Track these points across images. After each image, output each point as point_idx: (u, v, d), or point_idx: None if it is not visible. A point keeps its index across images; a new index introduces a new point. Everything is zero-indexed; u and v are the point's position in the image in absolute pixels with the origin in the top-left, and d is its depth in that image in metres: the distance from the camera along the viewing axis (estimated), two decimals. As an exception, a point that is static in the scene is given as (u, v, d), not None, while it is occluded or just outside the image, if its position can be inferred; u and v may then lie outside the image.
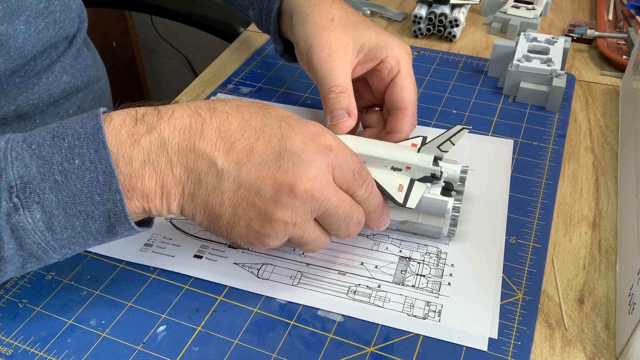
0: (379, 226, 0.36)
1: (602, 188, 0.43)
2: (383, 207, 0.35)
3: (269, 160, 0.30)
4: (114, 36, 1.28)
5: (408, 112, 0.41)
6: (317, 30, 0.41)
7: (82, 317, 0.34)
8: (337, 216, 0.32)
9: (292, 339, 0.33)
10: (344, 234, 0.33)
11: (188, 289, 0.36)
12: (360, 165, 0.33)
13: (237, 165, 0.30)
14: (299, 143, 0.30)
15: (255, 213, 0.30)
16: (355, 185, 0.32)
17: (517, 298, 0.35)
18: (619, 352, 0.32)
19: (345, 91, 0.40)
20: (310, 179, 0.30)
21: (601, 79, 0.56)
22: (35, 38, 0.44)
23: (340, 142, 0.32)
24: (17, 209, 0.27)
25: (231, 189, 0.30)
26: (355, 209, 0.32)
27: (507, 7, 0.62)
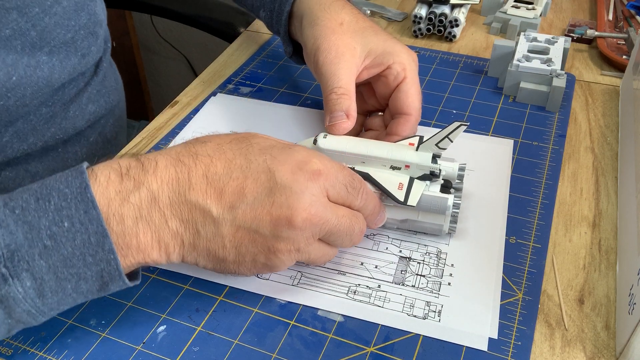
0: (377, 224, 0.37)
1: (602, 188, 0.43)
2: (380, 206, 0.36)
3: (262, 198, 0.30)
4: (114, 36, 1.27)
5: (412, 118, 0.42)
6: (326, 33, 0.42)
7: (82, 317, 0.34)
8: (339, 233, 0.32)
9: (292, 339, 0.33)
10: (349, 244, 0.34)
11: (188, 289, 0.36)
12: (352, 176, 0.33)
13: (231, 209, 0.30)
14: (287, 175, 0.30)
15: (258, 249, 0.31)
16: (350, 197, 0.33)
17: (517, 298, 0.35)
18: (619, 352, 0.32)
19: (347, 93, 0.40)
20: (305, 208, 0.30)
21: (601, 79, 0.56)
22: (59, 67, 0.44)
23: (327, 162, 0.32)
24: (5, 279, 0.26)
25: (230, 233, 0.30)
26: (355, 220, 0.33)
27: (507, 7, 0.62)
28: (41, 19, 0.43)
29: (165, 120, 0.51)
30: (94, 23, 0.49)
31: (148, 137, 0.49)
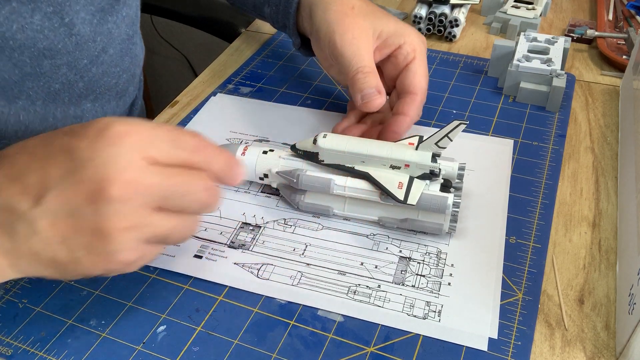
0: (236, 179, 0.32)
1: (602, 188, 0.43)
2: (232, 161, 0.31)
3: (67, 179, 0.27)
4: (114, 36, 1.27)
5: (417, 97, 0.42)
6: (340, 17, 0.43)
7: (82, 317, 0.34)
8: (176, 195, 0.28)
9: (292, 339, 0.33)
10: (198, 206, 0.30)
11: (188, 289, 0.36)
12: (177, 131, 0.29)
13: (37, 200, 0.27)
14: (87, 147, 0.27)
15: (87, 237, 0.27)
16: (182, 154, 0.29)
17: (517, 298, 0.35)
18: (619, 352, 0.32)
19: (372, 71, 0.41)
20: (117, 176, 0.26)
21: (601, 79, 0.56)
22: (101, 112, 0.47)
23: (136, 122, 0.28)
24: None
25: (46, 226, 0.27)
26: (193, 177, 0.29)
27: (507, 7, 0.62)
28: (89, 69, 0.43)
29: (165, 120, 0.51)
30: (135, 65, 0.50)
31: (148, 137, 0.49)
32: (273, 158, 0.41)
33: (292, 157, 0.41)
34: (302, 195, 0.40)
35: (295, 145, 0.41)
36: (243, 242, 0.39)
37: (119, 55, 0.46)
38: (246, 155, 0.41)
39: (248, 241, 0.39)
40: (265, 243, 0.39)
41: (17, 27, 0.38)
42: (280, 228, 0.40)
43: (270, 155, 0.41)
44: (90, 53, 0.43)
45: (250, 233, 0.39)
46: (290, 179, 0.39)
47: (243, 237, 0.39)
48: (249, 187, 0.43)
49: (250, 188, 0.43)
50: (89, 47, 0.43)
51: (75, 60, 0.42)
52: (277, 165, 0.40)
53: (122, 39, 0.47)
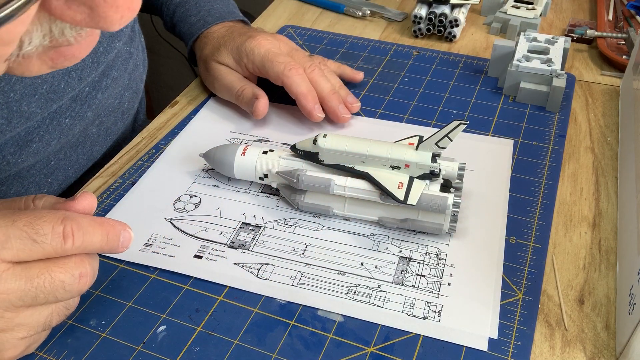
0: (123, 248, 0.30)
1: (602, 188, 0.43)
2: (114, 231, 0.29)
3: None
4: (114, 36, 1.27)
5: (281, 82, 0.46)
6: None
7: (82, 317, 0.34)
8: (42, 294, 0.27)
9: (292, 339, 0.33)
10: (73, 294, 0.28)
11: (188, 289, 0.36)
12: (37, 222, 0.27)
13: None
14: None
15: None
16: (48, 247, 0.27)
17: (517, 298, 0.35)
18: (619, 352, 0.32)
19: (247, 86, 0.49)
20: None
21: (601, 79, 0.56)
22: (104, 134, 0.49)
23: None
24: None
25: None
26: (61, 269, 0.27)
27: (507, 7, 0.62)
28: (94, 96, 0.44)
29: (165, 120, 0.51)
30: (136, 81, 0.51)
31: (148, 137, 0.49)
32: (273, 158, 0.41)
33: (292, 157, 0.41)
34: (302, 195, 0.40)
35: (295, 145, 0.41)
36: (243, 242, 0.39)
37: (120, 75, 0.47)
38: (246, 156, 0.41)
39: (248, 241, 0.39)
40: (265, 243, 0.39)
41: (16, 79, 0.37)
42: (280, 228, 0.40)
43: (270, 156, 0.41)
44: (92, 80, 0.43)
45: (250, 233, 0.39)
46: (290, 179, 0.39)
47: (243, 237, 0.39)
48: (249, 187, 0.43)
49: (250, 188, 0.43)
50: (91, 73, 0.43)
51: (79, 92, 0.42)
52: (277, 166, 0.40)
53: (123, 58, 0.48)
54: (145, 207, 0.41)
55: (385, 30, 0.64)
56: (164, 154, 0.47)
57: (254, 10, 0.80)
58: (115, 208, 0.42)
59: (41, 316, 0.29)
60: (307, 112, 0.46)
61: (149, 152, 0.47)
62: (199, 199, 0.42)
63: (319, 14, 0.68)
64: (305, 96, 0.45)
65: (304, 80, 0.46)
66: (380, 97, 0.53)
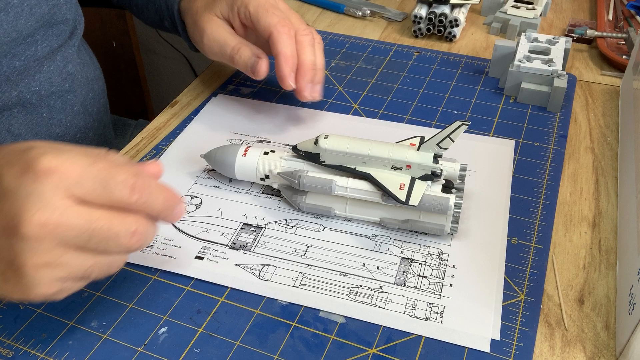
0: (175, 218, 0.31)
1: (602, 188, 0.43)
2: (173, 199, 0.30)
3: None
4: (114, 36, 1.27)
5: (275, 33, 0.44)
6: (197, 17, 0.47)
7: (83, 318, 0.34)
8: (95, 238, 0.27)
9: (293, 340, 0.33)
10: (122, 249, 0.29)
11: (189, 291, 0.36)
12: (114, 170, 0.28)
13: None
14: (13, 178, 0.27)
15: (2, 265, 0.27)
16: (115, 194, 0.28)
17: (519, 299, 0.35)
18: (619, 352, 0.32)
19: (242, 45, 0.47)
20: (34, 214, 0.26)
21: (601, 79, 0.56)
22: (27, 13, 0.43)
23: (69, 157, 0.27)
24: None
25: None
26: (119, 221, 0.28)
27: (507, 7, 0.62)
28: None
29: (165, 120, 0.51)
30: None
31: (148, 137, 0.49)
32: (274, 159, 0.41)
33: (293, 158, 0.41)
34: (304, 196, 0.40)
35: (296, 146, 0.41)
36: (244, 243, 0.39)
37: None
38: (247, 156, 0.41)
39: (249, 242, 0.39)
40: (266, 244, 0.39)
41: None
42: (282, 229, 0.40)
43: (272, 156, 0.41)
44: None
45: (252, 234, 0.39)
46: (291, 180, 0.39)
47: (244, 238, 0.39)
48: (250, 188, 0.43)
49: (251, 189, 0.43)
50: None
51: None
52: (278, 166, 0.40)
53: None
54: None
55: (385, 30, 0.64)
56: (164, 154, 0.47)
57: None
58: (116, 209, 0.42)
59: (86, 262, 0.28)
60: (280, 76, 0.44)
61: (149, 152, 0.47)
62: (200, 200, 0.42)
63: (319, 14, 0.68)
64: (287, 59, 0.43)
65: (291, 42, 0.44)
66: (381, 98, 0.53)
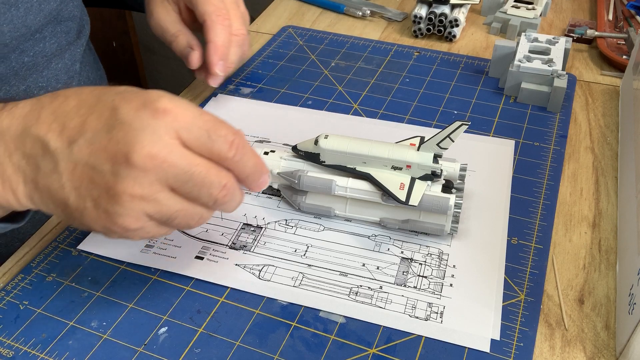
0: (260, 187, 0.32)
1: (602, 188, 0.43)
2: (262, 167, 0.32)
3: (101, 134, 0.28)
4: (114, 36, 1.27)
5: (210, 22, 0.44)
6: None
7: (83, 318, 0.34)
8: (191, 182, 0.29)
9: (293, 340, 0.33)
10: (211, 200, 0.30)
11: (189, 291, 0.36)
12: (218, 124, 0.30)
13: (70, 144, 0.29)
14: (131, 111, 0.28)
15: (98, 191, 0.28)
16: (216, 146, 0.29)
17: (520, 299, 0.35)
18: (619, 352, 0.32)
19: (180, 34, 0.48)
20: (145, 146, 0.28)
21: (601, 79, 0.56)
22: (37, 8, 0.44)
23: (183, 103, 0.29)
24: None
25: (68, 170, 0.29)
26: (215, 172, 0.30)
27: (507, 7, 0.62)
28: None
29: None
30: None
31: (148, 138, 0.49)
32: (274, 159, 0.41)
33: (293, 158, 0.41)
34: (304, 196, 0.40)
35: (296, 146, 0.41)
36: (244, 243, 0.39)
37: None
38: (247, 156, 0.41)
39: (249, 242, 0.39)
40: (266, 244, 0.39)
41: None
42: (282, 229, 0.40)
43: (272, 156, 0.41)
44: None
45: (252, 234, 0.39)
46: (291, 180, 0.39)
47: (244, 238, 0.39)
48: (250, 188, 0.43)
49: (251, 189, 0.43)
50: None
51: None
52: (278, 166, 0.40)
53: None
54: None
55: (385, 30, 0.64)
56: (164, 154, 0.47)
57: (254, 10, 0.79)
58: (116, 209, 0.42)
59: (175, 205, 0.29)
60: (208, 62, 0.44)
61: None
62: (200, 200, 0.42)
63: (319, 14, 0.68)
64: (216, 48, 0.44)
65: (224, 32, 0.44)
66: (381, 98, 0.53)
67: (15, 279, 0.37)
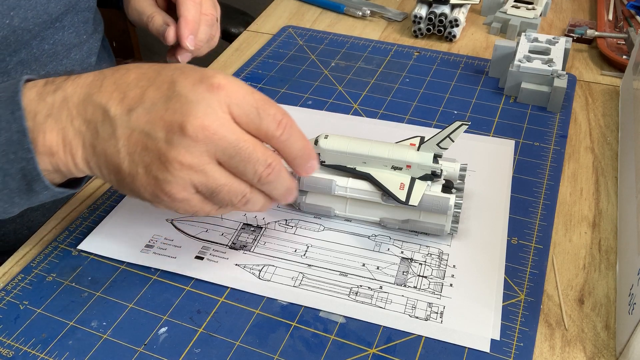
0: (307, 171, 0.33)
1: (602, 188, 0.43)
2: (310, 151, 0.33)
3: (159, 104, 0.30)
4: (114, 36, 1.27)
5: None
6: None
7: (83, 318, 0.34)
8: (238, 156, 0.30)
9: (293, 340, 0.33)
10: (255, 177, 0.31)
11: (189, 291, 0.36)
12: (268, 103, 0.31)
13: (128, 112, 0.31)
14: (188, 85, 0.30)
15: (151, 157, 0.30)
16: (264, 124, 0.31)
17: (519, 299, 0.35)
18: (619, 352, 0.32)
19: (156, 14, 0.46)
20: (199, 117, 0.29)
21: (601, 79, 0.56)
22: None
23: (236, 81, 0.31)
24: None
25: (124, 135, 0.30)
26: (262, 150, 0.31)
27: (507, 7, 0.62)
28: None
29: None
30: None
31: (148, 138, 0.49)
32: (274, 159, 0.41)
33: (293, 158, 0.41)
34: (304, 196, 0.40)
35: None
36: (244, 243, 0.39)
37: None
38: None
39: (249, 242, 0.39)
40: (266, 244, 0.39)
41: None
42: (282, 229, 0.40)
43: (272, 156, 0.41)
44: None
45: (252, 234, 0.39)
46: (291, 180, 0.39)
47: (244, 238, 0.39)
48: (250, 188, 0.43)
49: (251, 189, 0.43)
50: None
51: None
52: (278, 166, 0.40)
53: None
54: (146, 209, 0.41)
55: (385, 30, 0.64)
56: (164, 154, 0.47)
57: (253, 10, 0.79)
58: (117, 209, 0.41)
59: (221, 178, 0.31)
60: (179, 36, 0.44)
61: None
62: (200, 200, 0.42)
63: (319, 14, 0.68)
64: (187, 22, 0.44)
65: (195, 8, 0.45)
66: (381, 98, 0.53)
67: (15, 279, 0.37)
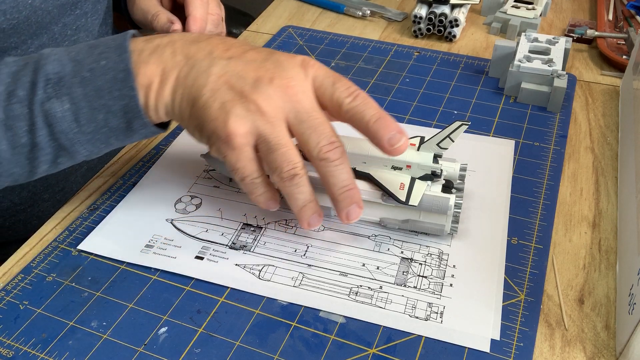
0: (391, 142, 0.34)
1: (602, 188, 0.43)
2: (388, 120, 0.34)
3: (257, 61, 0.34)
4: (113, 35, 1.27)
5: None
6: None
7: (83, 318, 0.34)
8: (308, 122, 0.33)
9: (293, 340, 0.33)
10: (316, 149, 0.33)
11: (189, 291, 0.36)
12: (343, 79, 0.35)
13: (229, 58, 0.34)
14: (284, 55, 0.35)
15: (232, 95, 0.33)
16: (336, 93, 0.34)
17: (520, 299, 0.35)
18: (619, 352, 0.32)
19: (161, 12, 0.48)
20: (287, 78, 0.33)
21: (601, 79, 0.56)
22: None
23: (317, 62, 0.35)
24: (49, 98, 0.33)
25: (217, 74, 0.34)
26: (330, 128, 0.34)
27: (507, 7, 0.62)
28: None
29: (166, 121, 0.51)
30: None
31: (148, 138, 0.49)
32: (274, 159, 0.41)
33: (293, 158, 0.41)
34: (304, 196, 0.40)
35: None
36: (244, 243, 0.39)
37: None
38: (247, 156, 0.41)
39: (249, 242, 0.39)
40: (266, 244, 0.39)
41: None
42: (282, 229, 0.40)
43: (272, 156, 0.41)
44: None
45: (252, 234, 0.39)
46: (291, 180, 0.39)
47: (244, 238, 0.39)
48: (250, 188, 0.43)
49: (251, 189, 0.43)
50: None
51: None
52: (278, 166, 0.40)
53: None
54: (146, 208, 0.41)
55: (385, 30, 0.64)
56: (164, 154, 0.47)
57: (253, 10, 0.79)
58: (117, 209, 0.41)
59: (284, 137, 0.33)
60: (187, 30, 0.46)
61: (149, 152, 0.47)
62: (200, 200, 0.42)
63: (319, 14, 0.68)
64: (195, 20, 0.46)
65: (202, 6, 0.46)
66: (381, 98, 0.53)
67: (15, 279, 0.37)
